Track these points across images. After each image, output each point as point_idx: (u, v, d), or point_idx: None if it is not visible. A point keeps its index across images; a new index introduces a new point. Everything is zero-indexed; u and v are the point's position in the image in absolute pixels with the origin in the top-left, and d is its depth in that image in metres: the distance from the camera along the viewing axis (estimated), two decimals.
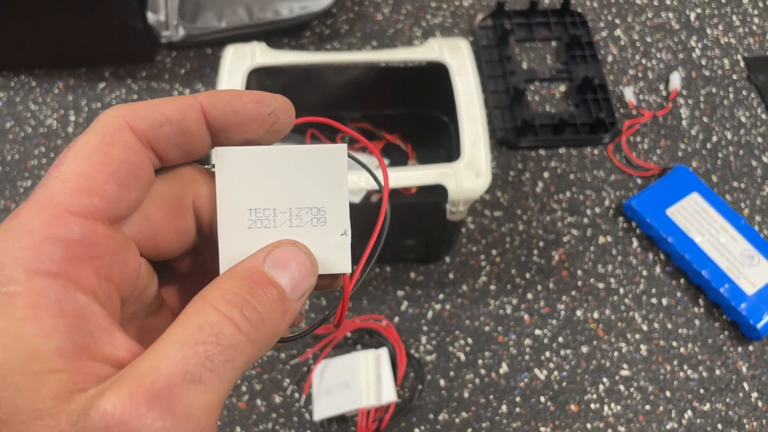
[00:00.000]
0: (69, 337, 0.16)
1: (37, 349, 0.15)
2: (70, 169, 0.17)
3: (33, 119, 0.68)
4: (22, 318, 0.16)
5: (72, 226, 0.17)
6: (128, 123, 0.18)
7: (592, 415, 0.55)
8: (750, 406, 0.55)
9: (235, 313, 0.17)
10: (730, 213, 0.62)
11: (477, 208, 0.64)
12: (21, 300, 0.16)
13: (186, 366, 0.16)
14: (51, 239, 0.16)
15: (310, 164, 0.20)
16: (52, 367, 0.16)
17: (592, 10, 0.78)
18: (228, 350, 0.17)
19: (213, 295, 0.18)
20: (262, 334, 0.18)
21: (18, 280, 0.16)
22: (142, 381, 0.16)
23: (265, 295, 0.18)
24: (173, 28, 0.71)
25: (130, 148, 0.18)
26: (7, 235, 0.16)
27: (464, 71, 0.54)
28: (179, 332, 0.17)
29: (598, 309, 0.59)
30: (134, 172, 0.18)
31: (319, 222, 0.20)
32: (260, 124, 0.20)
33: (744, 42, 0.76)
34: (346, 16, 0.76)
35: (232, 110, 0.19)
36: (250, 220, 0.20)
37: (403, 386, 0.55)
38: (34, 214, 0.17)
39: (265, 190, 0.20)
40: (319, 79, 0.60)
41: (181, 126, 0.19)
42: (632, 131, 0.69)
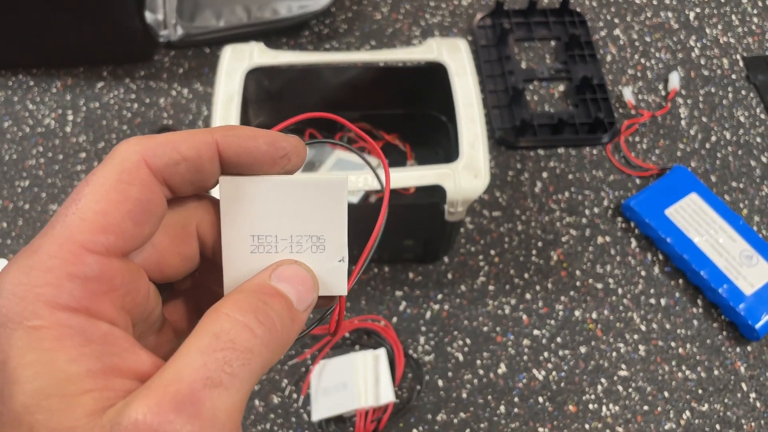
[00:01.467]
0: (97, 359, 0.17)
1: (68, 374, 0.16)
2: (89, 206, 0.18)
3: (31, 119, 0.68)
4: (51, 349, 0.17)
5: (90, 264, 0.18)
6: (145, 160, 0.19)
7: (590, 415, 0.55)
8: (748, 406, 0.55)
9: (249, 319, 0.18)
10: (729, 213, 0.62)
11: (476, 208, 0.64)
12: (47, 333, 0.17)
13: (207, 372, 0.17)
14: (70, 276, 0.17)
15: (311, 194, 0.21)
16: (83, 389, 0.16)
17: (591, 9, 0.78)
18: (245, 354, 0.18)
19: (226, 305, 0.19)
20: (275, 338, 0.19)
21: (42, 315, 0.17)
22: (167, 389, 0.16)
23: (274, 304, 0.19)
24: (171, 27, 0.71)
25: (147, 186, 0.19)
26: (28, 272, 0.17)
27: (463, 71, 0.54)
28: (197, 342, 0.18)
29: (597, 309, 0.59)
30: (149, 210, 0.19)
31: (318, 249, 0.21)
32: (272, 165, 0.21)
33: (743, 41, 0.76)
34: (345, 16, 0.76)
35: (246, 151, 0.20)
36: (252, 245, 0.21)
37: (402, 387, 0.55)
38: (54, 252, 0.17)
39: (267, 218, 0.21)
40: (318, 79, 0.60)
41: (197, 165, 0.20)
42: (631, 131, 0.69)
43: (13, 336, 0.17)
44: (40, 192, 0.64)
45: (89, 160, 0.66)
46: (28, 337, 0.17)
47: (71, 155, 0.66)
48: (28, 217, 0.62)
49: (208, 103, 0.69)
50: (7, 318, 0.17)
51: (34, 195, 0.64)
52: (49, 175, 0.65)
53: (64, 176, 0.65)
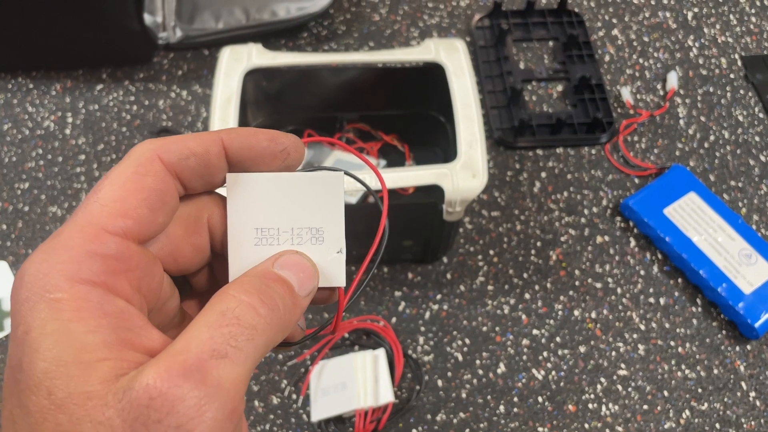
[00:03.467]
0: (112, 331, 0.18)
1: (85, 343, 0.18)
2: (108, 195, 0.20)
3: (30, 121, 0.68)
4: (70, 319, 0.18)
5: (109, 244, 0.19)
6: (159, 155, 0.21)
7: (590, 415, 0.55)
8: (748, 405, 0.55)
9: (253, 299, 0.20)
10: (728, 212, 0.62)
11: (474, 208, 0.64)
12: (66, 304, 0.18)
13: (213, 344, 0.18)
14: (91, 254, 0.19)
15: (310, 189, 0.23)
16: (99, 357, 0.18)
17: (589, 9, 0.78)
18: (249, 330, 0.19)
19: (232, 287, 0.20)
20: (277, 318, 0.20)
21: (63, 288, 0.18)
22: (176, 358, 0.18)
23: (277, 287, 0.21)
24: (170, 29, 0.71)
25: (161, 178, 0.20)
26: (51, 251, 0.19)
27: (461, 72, 0.54)
28: (205, 318, 0.19)
29: (596, 309, 0.59)
30: (163, 199, 0.21)
31: (317, 241, 0.23)
32: (273, 159, 0.22)
33: (741, 41, 0.76)
34: (343, 17, 0.76)
35: (248, 146, 0.22)
36: (256, 238, 0.23)
37: (401, 387, 0.55)
38: (75, 233, 0.19)
39: (270, 212, 0.23)
40: (316, 80, 0.60)
41: (205, 159, 0.21)
42: (629, 131, 0.69)
43: (35, 308, 0.18)
44: (39, 194, 0.64)
45: (89, 162, 0.66)
46: (49, 308, 0.18)
47: (71, 157, 0.66)
48: (27, 219, 0.63)
49: (207, 105, 0.69)
50: (30, 292, 0.18)
51: (33, 197, 0.64)
52: (49, 177, 0.65)
53: (64, 178, 0.65)
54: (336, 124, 0.63)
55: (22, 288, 0.18)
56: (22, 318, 0.18)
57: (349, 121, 0.63)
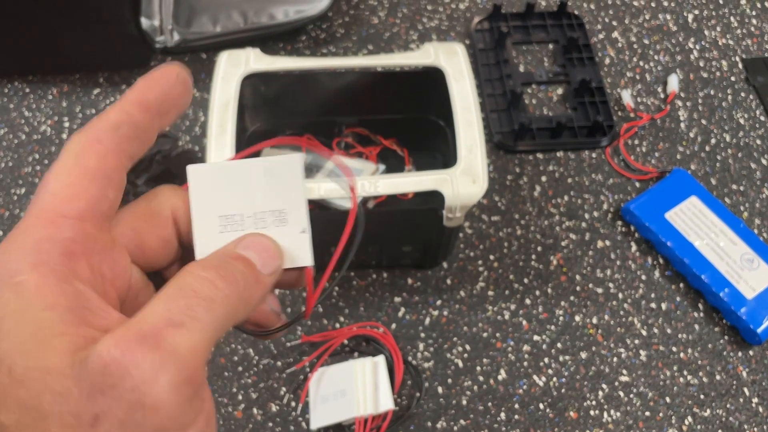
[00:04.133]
0: (69, 310, 0.19)
1: (42, 319, 0.18)
2: (56, 185, 0.21)
3: (27, 126, 0.68)
4: (29, 299, 0.19)
5: (65, 227, 0.20)
6: (94, 138, 0.21)
7: (591, 421, 0.54)
8: (751, 411, 0.55)
9: (211, 274, 0.20)
10: (730, 216, 0.61)
11: (474, 212, 0.64)
12: (27, 285, 0.19)
13: (169, 315, 0.19)
14: (49, 239, 0.20)
15: (269, 173, 0.23)
16: (56, 332, 0.18)
17: (589, 12, 0.78)
18: (206, 302, 0.20)
19: (191, 265, 0.21)
20: (237, 292, 0.21)
21: (24, 271, 0.19)
22: (131, 328, 0.18)
23: (237, 264, 0.21)
24: (168, 33, 0.71)
25: (102, 157, 0.21)
26: (12, 240, 0.20)
27: (460, 76, 0.53)
28: (162, 293, 0.20)
29: (597, 314, 0.59)
30: (109, 176, 0.21)
31: (281, 222, 0.23)
32: (176, 89, 0.23)
33: (742, 43, 0.75)
34: (342, 20, 0.76)
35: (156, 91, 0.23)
36: (221, 225, 0.23)
37: (401, 394, 0.55)
38: (32, 221, 0.20)
39: (232, 199, 0.23)
40: (315, 84, 0.60)
41: (132, 122, 0.22)
42: (630, 134, 0.68)
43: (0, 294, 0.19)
44: None
45: None
46: (11, 291, 0.19)
47: None
48: None
49: (205, 109, 0.68)
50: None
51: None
52: None
53: None
54: (335, 128, 0.63)
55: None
56: None
57: (347, 125, 0.63)
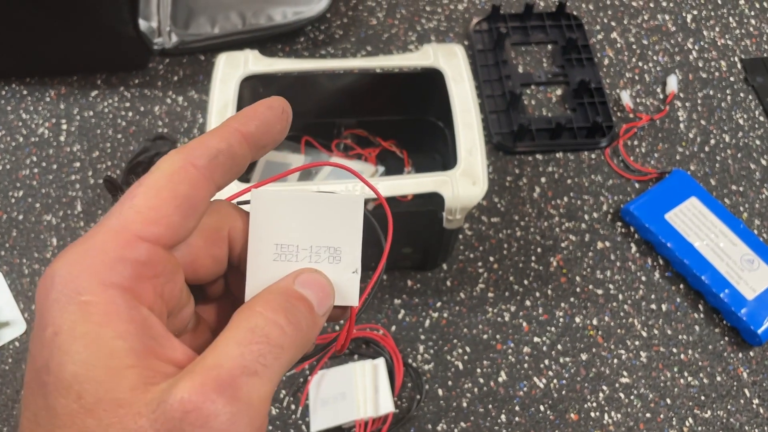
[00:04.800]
0: (139, 339, 0.19)
1: (114, 348, 0.18)
2: (142, 202, 0.20)
3: (24, 128, 0.67)
4: (99, 323, 0.18)
5: (141, 250, 0.20)
6: (191, 162, 0.21)
7: (592, 423, 0.54)
8: (751, 412, 0.55)
9: (280, 317, 0.20)
10: (729, 217, 0.61)
11: (474, 214, 0.63)
12: (96, 308, 0.18)
13: (244, 361, 0.19)
14: (123, 259, 0.19)
15: (331, 209, 0.23)
16: (127, 364, 0.18)
17: (588, 12, 0.78)
18: (276, 349, 0.20)
19: (259, 303, 0.21)
20: (301, 337, 0.21)
21: (94, 291, 0.18)
22: (209, 373, 0.18)
23: (300, 306, 0.21)
24: (166, 34, 0.71)
25: (194, 185, 0.21)
26: (83, 254, 0.19)
27: (460, 77, 0.53)
28: (234, 335, 0.20)
29: (597, 315, 0.59)
30: (195, 205, 0.21)
31: (334, 260, 0.23)
32: (280, 124, 0.24)
33: (741, 44, 0.75)
34: (341, 21, 0.75)
35: (259, 124, 0.23)
36: (275, 253, 0.23)
37: (401, 396, 0.55)
38: (109, 237, 0.19)
39: (290, 229, 0.23)
40: (314, 85, 0.60)
41: (231, 152, 0.22)
42: (629, 135, 0.68)
43: (65, 309, 0.18)
44: (34, 202, 0.63)
45: (83, 169, 0.65)
46: (79, 311, 0.18)
47: (65, 165, 0.65)
48: (21, 228, 0.62)
49: (204, 111, 0.68)
50: (61, 293, 0.18)
51: (28, 205, 0.63)
52: (43, 185, 0.64)
53: (58, 186, 0.64)
54: (334, 130, 0.63)
55: (53, 289, 0.19)
56: (51, 319, 0.18)
57: (347, 127, 0.63)
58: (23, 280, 0.59)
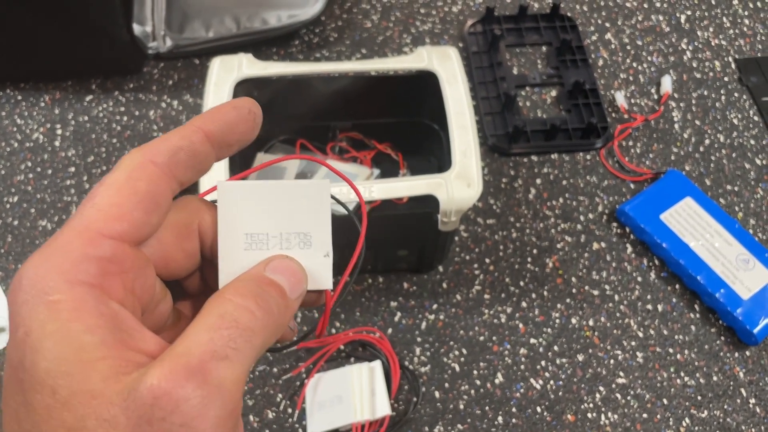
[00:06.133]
0: (109, 332, 0.19)
1: (84, 342, 0.18)
2: (104, 200, 0.21)
3: (19, 133, 0.67)
4: (68, 319, 0.18)
5: (105, 247, 0.20)
6: (150, 159, 0.21)
7: (589, 424, 0.54)
8: (748, 412, 0.55)
9: (249, 302, 0.21)
10: (724, 217, 0.61)
11: (470, 215, 0.63)
12: (64, 305, 0.19)
13: (213, 346, 0.19)
14: (87, 257, 0.20)
15: (298, 196, 0.24)
16: (98, 356, 0.18)
17: (582, 14, 0.78)
18: (246, 332, 0.20)
19: (228, 291, 0.21)
20: (272, 321, 0.21)
21: (61, 289, 0.19)
22: (179, 360, 0.18)
23: (270, 291, 0.22)
24: (160, 38, 0.71)
25: (153, 181, 0.21)
26: (48, 255, 0.19)
27: (454, 80, 0.53)
28: (204, 321, 0.20)
29: (593, 316, 0.59)
30: (156, 201, 0.21)
31: (305, 245, 0.24)
32: (245, 124, 0.24)
33: (735, 44, 0.76)
34: (335, 24, 0.76)
35: (222, 123, 0.23)
36: (246, 243, 0.23)
37: (398, 399, 0.55)
38: (73, 236, 0.20)
39: (259, 218, 0.24)
40: (308, 88, 0.60)
41: (192, 150, 0.22)
42: (624, 135, 0.68)
43: (34, 310, 0.19)
44: (29, 208, 0.63)
45: (78, 174, 0.65)
46: (48, 310, 0.19)
47: (60, 170, 0.65)
48: (17, 234, 0.62)
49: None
50: (29, 294, 0.19)
51: (23, 211, 0.63)
52: (38, 191, 0.64)
53: (53, 191, 0.64)
54: (329, 133, 0.63)
55: (21, 291, 0.19)
56: (21, 320, 0.19)
57: (341, 129, 0.63)
58: None
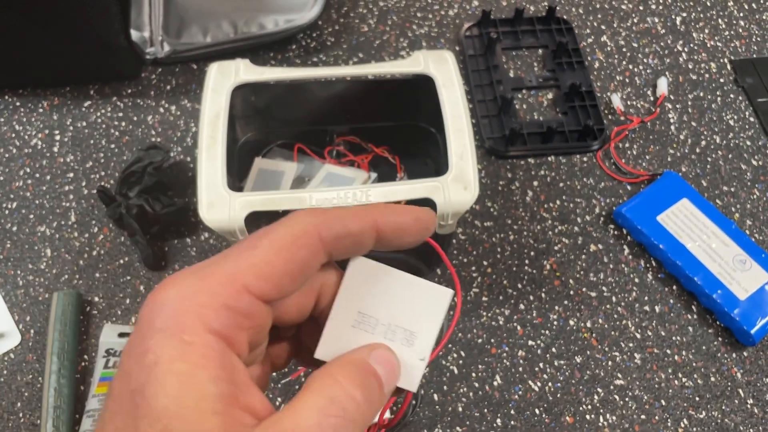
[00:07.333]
0: (227, 386, 0.20)
1: (205, 391, 0.19)
2: (262, 256, 0.21)
3: (18, 140, 0.68)
4: (195, 364, 0.19)
5: (245, 301, 0.21)
6: (319, 231, 0.22)
7: (587, 426, 0.54)
8: (746, 413, 0.55)
9: (357, 392, 0.21)
10: (721, 218, 0.62)
11: (467, 218, 0.64)
12: (194, 349, 0.20)
13: (320, 430, 0.20)
14: (228, 308, 0.21)
15: (419, 294, 0.24)
16: (215, 409, 0.19)
17: (578, 16, 0.78)
18: (350, 423, 0.21)
19: (340, 374, 0.22)
20: (369, 414, 0.22)
21: (197, 332, 0.20)
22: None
23: (374, 382, 0.23)
24: (158, 44, 0.71)
25: (313, 253, 0.22)
26: (195, 292, 0.20)
27: (450, 83, 0.53)
28: (314, 400, 0.21)
29: (591, 318, 0.59)
30: (305, 272, 0.22)
31: (408, 342, 0.24)
32: (415, 236, 0.25)
33: (730, 45, 0.76)
34: (332, 29, 0.76)
35: (397, 227, 0.24)
36: (356, 320, 0.24)
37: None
38: (222, 282, 0.21)
39: (377, 301, 0.24)
40: (305, 93, 0.60)
41: (359, 239, 0.23)
42: (621, 137, 0.68)
43: (167, 343, 0.19)
44: (27, 213, 0.63)
45: (77, 180, 0.65)
46: (180, 348, 0.19)
47: (59, 175, 0.65)
48: (15, 240, 0.62)
49: (197, 120, 0.68)
50: (167, 326, 0.20)
51: (21, 217, 0.63)
52: (37, 197, 0.64)
53: (52, 197, 0.64)
54: (326, 137, 0.63)
55: (160, 317, 0.20)
56: (152, 346, 0.19)
57: (339, 133, 0.63)
58: (18, 292, 0.59)
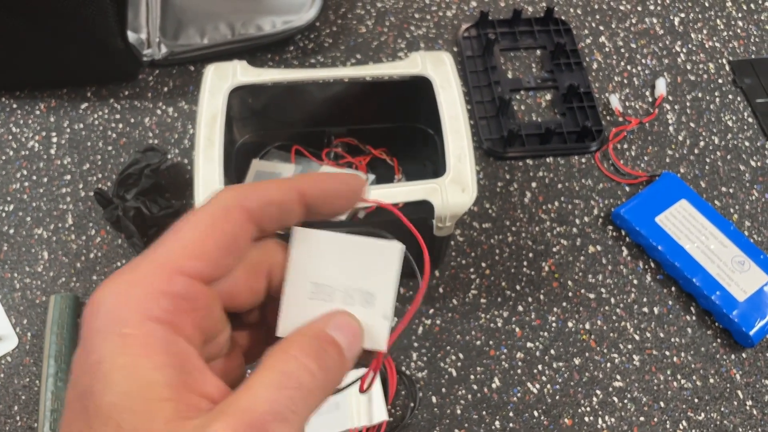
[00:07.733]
0: (175, 372, 0.19)
1: (151, 380, 0.19)
2: (188, 236, 0.21)
3: (14, 142, 0.67)
4: (138, 354, 0.19)
5: (180, 284, 0.21)
6: (241, 203, 0.22)
7: (586, 428, 0.54)
8: (745, 414, 0.55)
9: (312, 363, 0.21)
10: (720, 219, 0.61)
11: (465, 220, 0.63)
12: (135, 340, 0.19)
13: (276, 407, 0.19)
14: (163, 293, 0.20)
15: (369, 254, 0.24)
16: (163, 396, 0.19)
17: (576, 17, 0.78)
18: (306, 395, 0.20)
19: (292, 347, 0.21)
20: (328, 382, 0.21)
21: (134, 323, 0.20)
22: (243, 416, 0.19)
23: (331, 351, 0.22)
24: (155, 45, 0.71)
25: (239, 225, 0.22)
26: (128, 285, 0.20)
27: (448, 85, 0.53)
28: (268, 377, 0.20)
29: (590, 320, 0.59)
30: (237, 244, 0.22)
31: (367, 304, 0.24)
32: (343, 200, 0.24)
33: (729, 45, 0.76)
34: (330, 30, 0.76)
35: (323, 192, 0.24)
36: (311, 292, 0.24)
37: (395, 405, 0.55)
38: (152, 271, 0.21)
39: (328, 269, 0.24)
40: (303, 94, 0.60)
41: (284, 206, 0.23)
42: (619, 138, 0.68)
43: (108, 339, 0.19)
44: (24, 216, 0.63)
45: (74, 182, 0.65)
46: (120, 342, 0.19)
47: (56, 178, 0.65)
48: (12, 242, 0.62)
49: (194, 122, 0.68)
50: (104, 324, 0.20)
51: (18, 219, 0.63)
52: (34, 199, 0.64)
53: (49, 199, 0.64)
54: (324, 138, 0.63)
55: (98, 318, 0.20)
56: (94, 347, 0.19)
57: (336, 135, 0.63)
58: (15, 295, 0.59)
